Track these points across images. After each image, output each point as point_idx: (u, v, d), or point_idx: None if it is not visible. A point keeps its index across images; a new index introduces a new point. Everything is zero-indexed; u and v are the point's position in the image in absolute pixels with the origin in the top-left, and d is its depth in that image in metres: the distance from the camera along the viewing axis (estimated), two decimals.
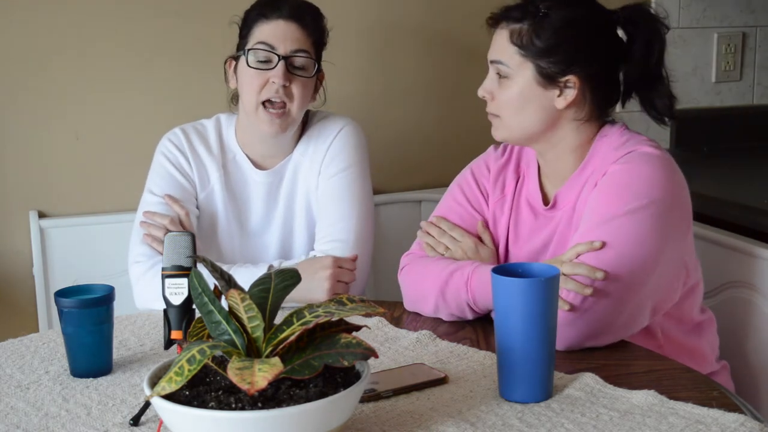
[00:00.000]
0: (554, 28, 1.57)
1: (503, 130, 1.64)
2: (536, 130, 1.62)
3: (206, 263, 1.14)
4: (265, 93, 1.85)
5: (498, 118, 1.64)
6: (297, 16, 1.87)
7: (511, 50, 1.58)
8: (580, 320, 1.44)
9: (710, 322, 1.73)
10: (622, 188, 1.52)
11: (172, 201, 1.89)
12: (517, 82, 1.59)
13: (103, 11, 2.25)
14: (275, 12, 1.86)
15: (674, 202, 1.55)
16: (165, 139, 1.97)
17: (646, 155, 1.56)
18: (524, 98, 1.59)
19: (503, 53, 1.60)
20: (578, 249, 1.47)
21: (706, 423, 1.16)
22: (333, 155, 1.94)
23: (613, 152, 1.59)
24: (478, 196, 1.75)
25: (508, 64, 1.59)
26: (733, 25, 2.81)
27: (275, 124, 1.86)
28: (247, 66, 1.85)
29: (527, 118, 1.61)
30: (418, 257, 1.72)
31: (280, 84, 1.83)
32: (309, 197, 1.96)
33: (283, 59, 1.84)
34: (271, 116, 1.86)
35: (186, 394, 1.05)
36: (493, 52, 1.62)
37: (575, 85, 1.58)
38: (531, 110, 1.60)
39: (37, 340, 1.56)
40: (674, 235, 1.53)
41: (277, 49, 1.84)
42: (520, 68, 1.58)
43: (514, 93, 1.60)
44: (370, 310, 1.11)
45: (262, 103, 1.85)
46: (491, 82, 1.63)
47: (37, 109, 2.24)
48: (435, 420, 1.19)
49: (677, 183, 1.57)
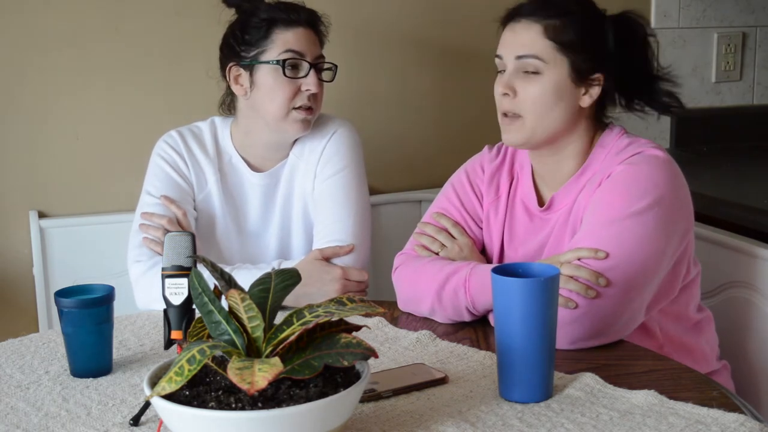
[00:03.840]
0: (587, 24, 1.59)
1: (523, 132, 1.60)
2: (559, 130, 1.60)
3: (206, 263, 1.14)
4: (297, 101, 1.87)
5: (519, 119, 1.60)
6: (312, 22, 1.90)
7: (546, 44, 1.57)
8: (582, 320, 1.44)
9: (708, 320, 1.74)
10: (627, 189, 1.52)
11: (168, 202, 1.89)
12: (550, 77, 1.57)
13: (103, 11, 2.25)
14: (293, 15, 1.87)
15: (677, 203, 1.55)
16: (161, 142, 1.97)
17: (652, 157, 1.56)
18: (557, 95, 1.58)
19: (535, 47, 1.57)
20: (581, 253, 1.47)
21: (706, 423, 1.16)
22: (328, 157, 1.94)
23: (615, 156, 1.59)
24: (471, 197, 1.75)
25: (543, 58, 1.57)
26: (733, 25, 2.81)
27: (306, 121, 1.90)
28: (282, 75, 1.85)
29: (555, 118, 1.59)
30: (411, 257, 1.72)
31: (315, 91, 1.87)
32: (305, 199, 1.96)
33: (313, 67, 1.87)
34: (304, 115, 1.88)
35: (186, 394, 1.05)
36: (519, 47, 1.58)
37: (600, 82, 1.60)
38: (560, 108, 1.58)
39: (37, 340, 1.56)
40: (677, 236, 1.54)
41: (306, 56, 1.87)
42: (555, 63, 1.57)
43: (548, 89, 1.57)
44: (370, 310, 1.11)
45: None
46: (513, 77, 1.59)
47: (37, 109, 2.25)
48: (435, 420, 1.19)
49: (680, 185, 1.58)
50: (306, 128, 1.91)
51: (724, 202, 2.13)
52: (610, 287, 1.44)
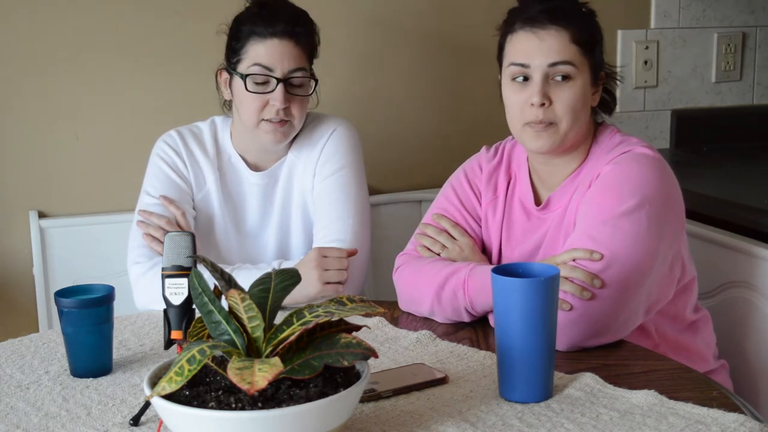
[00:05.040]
0: (594, 25, 1.62)
1: (556, 138, 1.59)
2: (582, 132, 1.62)
3: (206, 263, 1.14)
4: (265, 113, 1.85)
5: (552, 126, 1.58)
6: (291, 32, 1.84)
7: (574, 50, 1.57)
8: (579, 321, 1.44)
9: (705, 320, 1.74)
10: (616, 188, 1.53)
11: (167, 202, 1.89)
12: (580, 82, 1.58)
13: (103, 12, 2.25)
14: (269, 28, 1.83)
15: (668, 201, 1.55)
16: (160, 141, 1.97)
17: (640, 155, 1.57)
18: (584, 98, 1.60)
19: (567, 53, 1.57)
20: (575, 255, 1.47)
21: (706, 423, 1.16)
22: (327, 157, 1.94)
23: (605, 155, 1.60)
24: (471, 197, 1.75)
25: (575, 63, 1.57)
26: (733, 25, 2.81)
27: (278, 133, 1.87)
28: (245, 90, 1.84)
29: (583, 121, 1.61)
30: (412, 258, 1.72)
31: (281, 107, 1.83)
32: (305, 198, 1.96)
33: (281, 82, 1.83)
34: (274, 126, 1.86)
35: (186, 394, 1.05)
36: (551, 54, 1.56)
37: (603, 80, 1.64)
38: (585, 111, 1.61)
39: (37, 340, 1.56)
40: (669, 234, 1.54)
41: (275, 71, 1.83)
42: (583, 67, 1.58)
43: (579, 93, 1.58)
44: (370, 310, 1.11)
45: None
46: (546, 85, 1.58)
47: (37, 109, 2.25)
48: (435, 420, 1.19)
49: (670, 182, 1.58)
50: (280, 139, 1.89)
51: (724, 202, 2.13)
52: (605, 288, 1.44)
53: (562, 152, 1.63)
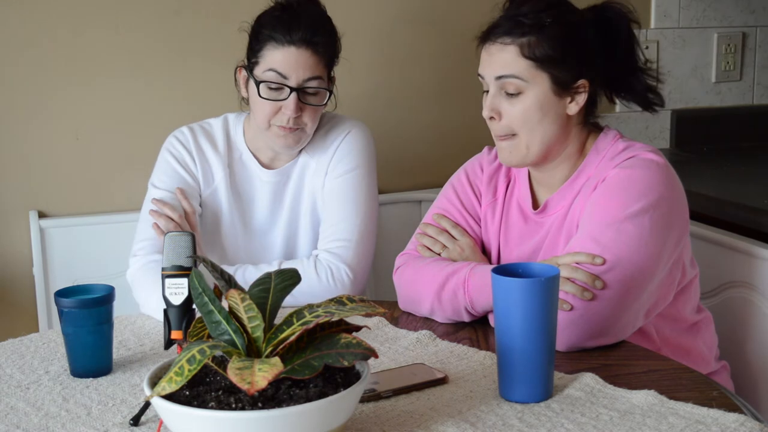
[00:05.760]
0: (562, 35, 1.56)
1: (521, 149, 1.60)
2: (554, 141, 1.60)
3: (206, 263, 1.14)
4: (277, 119, 1.85)
5: (514, 138, 1.60)
6: (309, 41, 1.82)
7: (524, 64, 1.56)
8: (580, 321, 1.44)
9: (707, 321, 1.73)
10: (622, 192, 1.52)
11: (182, 196, 1.89)
12: (532, 95, 1.57)
13: (103, 11, 2.25)
14: (287, 36, 1.80)
15: (673, 206, 1.55)
16: (171, 137, 1.97)
17: (648, 161, 1.56)
18: (542, 110, 1.57)
19: (514, 67, 1.56)
20: (578, 258, 1.47)
21: (706, 423, 1.16)
22: (340, 157, 1.94)
23: (610, 160, 1.59)
24: (471, 197, 1.75)
25: (523, 78, 1.56)
26: (733, 25, 2.81)
27: (289, 138, 1.87)
28: (257, 95, 1.83)
29: (546, 131, 1.58)
30: (413, 258, 1.72)
31: (292, 116, 1.83)
32: (315, 197, 1.96)
33: (295, 91, 1.82)
34: (286, 132, 1.86)
35: (186, 394, 1.05)
36: (498, 68, 1.57)
37: (585, 88, 1.59)
38: (548, 121, 1.58)
39: (37, 340, 1.56)
40: (672, 240, 1.53)
41: (289, 79, 1.81)
42: (535, 80, 1.56)
43: (532, 106, 1.57)
44: (370, 310, 1.11)
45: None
46: (497, 99, 1.59)
47: (37, 109, 2.25)
48: (435, 420, 1.19)
49: (676, 189, 1.58)
50: (291, 144, 1.88)
51: (724, 202, 2.13)
52: (606, 289, 1.44)
53: (544, 162, 1.62)
